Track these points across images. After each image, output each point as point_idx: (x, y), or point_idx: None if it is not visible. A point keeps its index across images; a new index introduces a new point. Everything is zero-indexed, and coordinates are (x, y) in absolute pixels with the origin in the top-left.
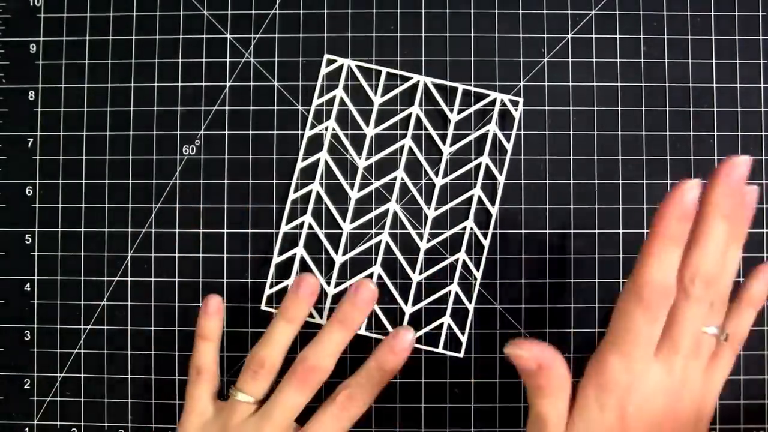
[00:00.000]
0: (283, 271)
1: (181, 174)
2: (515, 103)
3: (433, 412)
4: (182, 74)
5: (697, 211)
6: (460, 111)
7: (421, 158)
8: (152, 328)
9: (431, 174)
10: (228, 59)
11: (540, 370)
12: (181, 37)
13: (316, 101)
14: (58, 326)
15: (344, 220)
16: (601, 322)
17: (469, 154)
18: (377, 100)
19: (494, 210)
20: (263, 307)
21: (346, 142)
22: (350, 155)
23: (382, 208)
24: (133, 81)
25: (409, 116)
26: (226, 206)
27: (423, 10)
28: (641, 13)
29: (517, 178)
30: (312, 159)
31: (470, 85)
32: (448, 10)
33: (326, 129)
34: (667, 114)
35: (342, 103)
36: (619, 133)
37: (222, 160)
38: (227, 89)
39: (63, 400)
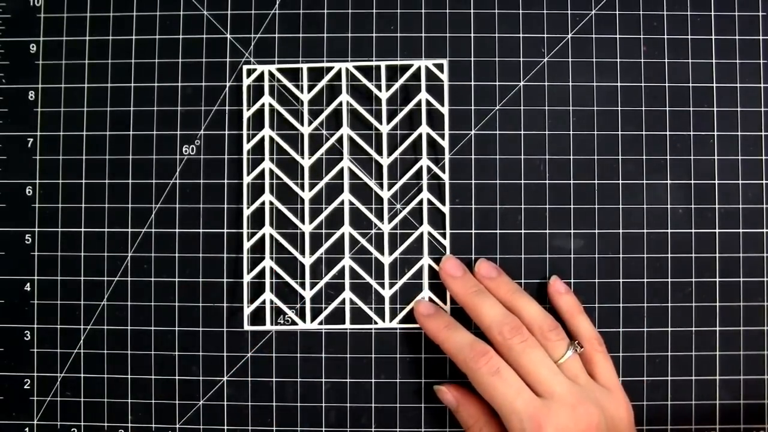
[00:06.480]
0: (257, 287)
1: (181, 174)
2: (440, 67)
3: (433, 412)
4: (182, 74)
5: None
6: (388, 87)
7: (362, 143)
8: (152, 328)
9: (375, 156)
10: (228, 59)
11: (459, 406)
12: (181, 37)
13: (246, 113)
14: (58, 326)
15: (303, 222)
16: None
17: (409, 130)
18: (305, 97)
19: (446, 177)
20: (246, 327)
21: (285, 145)
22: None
23: (336, 203)
24: (133, 81)
25: (350, 107)
26: (225, 206)
27: (423, 11)
28: (641, 13)
29: (516, 178)
30: (257, 170)
31: (396, 60)
32: (448, 10)
33: (264, 137)
34: (667, 114)
35: (273, 109)
36: (619, 133)
37: (222, 160)
38: (227, 89)
39: (63, 400)
